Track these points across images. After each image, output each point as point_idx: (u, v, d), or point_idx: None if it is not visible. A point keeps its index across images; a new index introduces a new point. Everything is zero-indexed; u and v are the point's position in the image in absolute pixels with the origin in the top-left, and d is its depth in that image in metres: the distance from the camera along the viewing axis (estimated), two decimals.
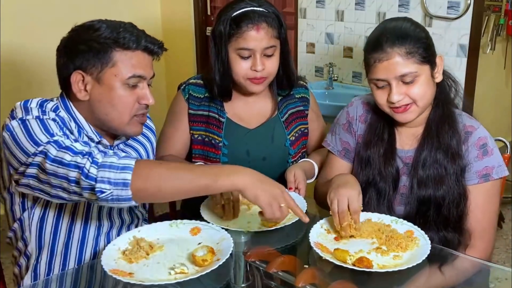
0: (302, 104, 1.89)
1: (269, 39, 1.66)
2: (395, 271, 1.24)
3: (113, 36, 1.37)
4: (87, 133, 1.44)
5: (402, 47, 1.42)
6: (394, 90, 1.45)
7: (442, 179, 1.50)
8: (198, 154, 1.79)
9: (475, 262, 1.44)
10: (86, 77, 1.37)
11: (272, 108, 1.85)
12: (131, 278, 1.22)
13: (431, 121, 1.54)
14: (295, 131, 1.85)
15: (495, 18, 3.68)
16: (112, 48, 1.36)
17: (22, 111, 1.36)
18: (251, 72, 1.68)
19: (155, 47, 1.43)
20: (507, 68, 3.95)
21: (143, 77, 1.41)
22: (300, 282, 1.26)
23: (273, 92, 1.84)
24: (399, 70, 1.43)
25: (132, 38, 1.38)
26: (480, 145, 1.49)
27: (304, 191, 1.67)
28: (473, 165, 1.50)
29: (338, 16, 2.89)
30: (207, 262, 1.27)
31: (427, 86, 1.46)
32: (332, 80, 2.94)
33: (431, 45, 1.48)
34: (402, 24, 1.48)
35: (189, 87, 1.81)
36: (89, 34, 1.37)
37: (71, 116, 1.44)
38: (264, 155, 1.80)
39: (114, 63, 1.37)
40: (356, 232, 1.40)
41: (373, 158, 1.58)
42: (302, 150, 1.88)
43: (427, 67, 1.46)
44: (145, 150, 1.65)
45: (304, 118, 1.88)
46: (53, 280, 1.41)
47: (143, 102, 1.43)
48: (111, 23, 1.41)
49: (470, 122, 1.53)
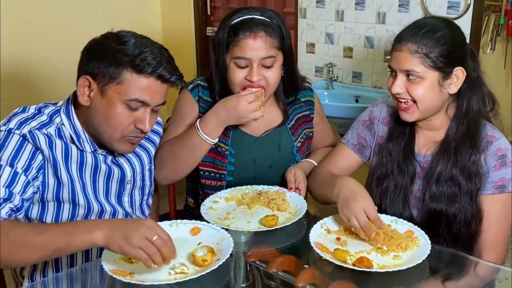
0: (308, 108, 1.86)
1: (268, 49, 1.60)
2: (395, 271, 1.24)
3: (132, 55, 1.33)
4: (82, 141, 1.43)
5: (414, 44, 1.43)
6: (396, 81, 1.47)
7: (455, 197, 1.48)
8: (205, 162, 1.74)
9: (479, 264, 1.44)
10: (92, 84, 1.36)
11: (279, 116, 1.80)
12: (131, 278, 1.22)
13: (451, 134, 1.51)
14: (301, 136, 1.83)
15: (495, 18, 3.67)
16: (124, 67, 1.33)
17: (6, 119, 1.38)
18: (247, 83, 1.62)
19: (171, 77, 1.38)
20: (507, 68, 3.94)
21: (146, 103, 1.37)
22: (300, 282, 1.26)
23: (281, 101, 1.79)
24: (404, 64, 1.45)
25: (152, 62, 1.34)
26: (499, 156, 1.47)
27: (304, 191, 1.66)
28: (490, 175, 1.48)
29: (338, 16, 2.89)
30: (207, 262, 1.26)
31: (430, 91, 1.45)
32: (332, 80, 2.94)
33: (451, 55, 1.44)
34: (433, 24, 1.46)
35: (199, 88, 1.76)
36: (113, 45, 1.35)
37: (70, 121, 1.43)
38: (271, 163, 1.78)
39: (121, 81, 1.34)
40: (387, 236, 1.38)
41: (393, 151, 1.58)
42: (307, 153, 1.87)
43: (435, 73, 1.44)
44: (148, 156, 1.64)
45: (310, 122, 1.86)
46: (53, 280, 1.41)
47: (139, 126, 1.39)
48: (141, 41, 1.37)
49: (492, 132, 1.51)
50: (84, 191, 1.44)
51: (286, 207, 1.60)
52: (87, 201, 1.44)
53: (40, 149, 1.36)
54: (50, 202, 1.42)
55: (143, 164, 1.61)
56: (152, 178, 1.66)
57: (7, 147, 1.33)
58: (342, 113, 2.55)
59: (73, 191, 1.42)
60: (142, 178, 1.61)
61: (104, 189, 1.50)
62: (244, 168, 1.75)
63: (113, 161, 1.51)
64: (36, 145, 1.35)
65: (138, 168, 1.58)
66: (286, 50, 1.66)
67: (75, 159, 1.42)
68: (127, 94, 1.35)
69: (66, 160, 1.41)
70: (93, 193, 1.46)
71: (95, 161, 1.46)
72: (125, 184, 1.55)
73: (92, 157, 1.46)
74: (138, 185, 1.60)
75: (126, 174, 1.54)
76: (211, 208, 1.60)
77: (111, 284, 1.31)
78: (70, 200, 1.42)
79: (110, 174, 1.50)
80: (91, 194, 1.46)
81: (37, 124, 1.38)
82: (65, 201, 1.42)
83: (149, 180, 1.64)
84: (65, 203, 1.42)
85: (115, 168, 1.51)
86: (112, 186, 1.52)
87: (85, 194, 1.44)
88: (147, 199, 1.66)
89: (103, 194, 1.50)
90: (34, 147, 1.35)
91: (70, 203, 1.42)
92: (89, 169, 1.46)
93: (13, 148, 1.33)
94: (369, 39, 2.78)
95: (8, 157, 1.32)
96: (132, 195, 1.58)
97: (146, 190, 1.64)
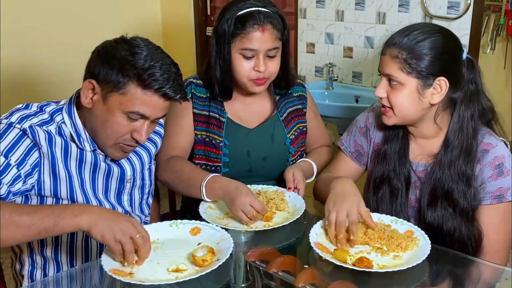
0: (300, 102, 1.89)
1: (273, 41, 1.65)
2: (395, 271, 1.24)
3: (141, 68, 1.32)
4: (82, 141, 1.43)
5: (396, 49, 1.42)
6: (379, 85, 1.48)
7: (451, 216, 1.47)
8: (199, 155, 1.78)
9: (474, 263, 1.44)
10: (96, 88, 1.36)
11: (271, 108, 1.85)
12: (131, 278, 1.22)
13: (445, 148, 1.48)
14: (294, 129, 1.85)
15: (495, 18, 3.67)
16: (130, 79, 1.33)
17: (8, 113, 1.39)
18: (254, 73, 1.67)
19: (176, 96, 1.37)
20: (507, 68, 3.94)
21: (146, 116, 1.37)
22: (300, 282, 1.26)
23: (271, 92, 1.84)
24: (385, 68, 1.45)
25: (159, 79, 1.33)
26: (495, 165, 1.45)
27: (303, 191, 1.67)
28: (487, 185, 1.45)
29: (338, 16, 2.89)
30: (207, 262, 1.26)
31: (407, 99, 1.44)
32: (332, 80, 2.94)
33: (434, 63, 1.40)
34: (423, 30, 1.43)
35: (191, 86, 1.80)
36: (123, 53, 1.34)
37: (71, 120, 1.43)
38: (265, 154, 1.80)
39: (125, 92, 1.34)
40: (350, 246, 1.35)
41: (388, 154, 1.57)
42: (301, 149, 1.88)
43: (415, 80, 1.41)
44: (148, 155, 1.64)
45: (303, 116, 1.88)
46: (53, 280, 1.41)
47: (135, 136, 1.39)
48: (153, 53, 1.35)
49: (488, 139, 1.48)
50: (83, 188, 1.44)
51: (285, 206, 1.60)
52: (86, 198, 1.45)
53: (38, 145, 1.36)
54: (49, 198, 1.42)
55: (143, 163, 1.61)
56: (152, 177, 1.66)
57: (4, 139, 1.34)
58: (342, 113, 2.55)
59: (71, 188, 1.42)
60: (142, 177, 1.61)
61: (104, 187, 1.50)
62: (239, 160, 1.76)
63: (113, 160, 1.51)
64: (35, 140, 1.35)
65: (138, 167, 1.58)
66: (285, 39, 1.72)
67: (74, 156, 1.43)
68: (128, 106, 1.34)
69: (65, 157, 1.41)
70: (92, 191, 1.47)
71: (94, 159, 1.46)
72: (124, 183, 1.55)
73: (92, 155, 1.46)
74: (138, 184, 1.60)
75: (126, 172, 1.54)
76: (210, 207, 1.60)
77: (111, 284, 1.31)
78: (68, 197, 1.42)
79: (109, 173, 1.50)
80: (90, 192, 1.46)
81: (38, 121, 1.39)
82: (63, 198, 1.42)
83: (148, 180, 1.64)
84: (63, 200, 1.42)
85: (115, 166, 1.52)
86: (112, 184, 1.52)
87: (83, 191, 1.44)
88: (146, 198, 1.66)
89: (102, 192, 1.50)
90: (32, 142, 1.36)
91: (69, 200, 1.42)
92: (89, 166, 1.46)
93: (10, 140, 1.34)
94: (369, 39, 2.78)
95: (4, 149, 1.32)
96: (131, 194, 1.58)
97: (146, 190, 1.64)
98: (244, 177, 1.72)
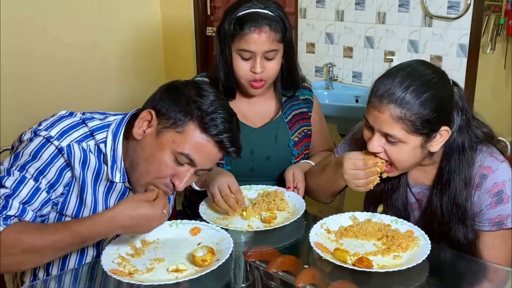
0: (306, 106, 1.88)
1: (271, 43, 1.64)
2: (395, 271, 1.24)
3: (205, 111, 1.29)
4: (115, 169, 1.35)
5: (398, 108, 1.30)
6: (374, 141, 1.36)
7: (449, 237, 1.44)
8: None
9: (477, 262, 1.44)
10: (153, 121, 1.31)
11: (276, 109, 1.84)
12: (131, 278, 1.22)
13: (442, 173, 1.43)
14: (299, 132, 1.84)
15: (495, 18, 3.67)
16: (192, 119, 1.28)
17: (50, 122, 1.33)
18: (251, 74, 1.67)
19: (230, 147, 1.32)
20: (507, 68, 3.94)
21: (194, 164, 1.31)
22: (300, 282, 1.26)
23: (278, 93, 1.83)
24: (384, 127, 1.33)
25: (220, 126, 1.29)
26: (494, 193, 1.38)
27: (302, 191, 1.67)
28: (485, 212, 1.40)
29: (338, 16, 2.89)
30: (207, 262, 1.26)
31: (409, 154, 1.36)
32: (332, 80, 2.94)
33: (438, 117, 1.32)
34: (421, 80, 1.32)
35: None
36: (191, 93, 1.31)
37: (113, 144, 1.35)
38: (268, 154, 1.79)
39: (182, 131, 1.29)
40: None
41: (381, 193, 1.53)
42: (305, 152, 1.87)
43: (419, 138, 1.33)
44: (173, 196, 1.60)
45: (308, 120, 1.88)
46: (53, 280, 1.41)
47: (174, 181, 1.32)
48: (219, 101, 1.32)
49: (488, 162, 1.40)
50: None
51: (285, 206, 1.61)
52: None
53: (72, 167, 1.32)
54: (67, 217, 1.37)
55: (170, 199, 1.57)
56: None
57: (39, 158, 1.28)
58: (342, 113, 2.55)
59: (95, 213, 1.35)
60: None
61: None
62: (242, 159, 1.75)
63: None
64: (69, 160, 1.31)
65: None
66: (287, 42, 1.71)
67: (104, 182, 1.38)
68: (181, 146, 1.29)
69: (95, 181, 1.36)
70: None
71: (123, 189, 1.42)
72: None
73: (122, 185, 1.41)
74: None
75: None
76: (210, 208, 1.60)
77: (111, 284, 1.31)
78: None
79: None
80: None
81: (79, 136, 1.33)
82: None
83: None
84: None
85: None
86: None
87: None
88: None
89: None
90: (65, 162, 1.31)
91: None
92: (116, 194, 1.41)
93: (44, 160, 1.28)
94: (369, 39, 2.78)
95: (36, 170, 1.27)
96: None
97: None
98: (247, 175, 1.72)
